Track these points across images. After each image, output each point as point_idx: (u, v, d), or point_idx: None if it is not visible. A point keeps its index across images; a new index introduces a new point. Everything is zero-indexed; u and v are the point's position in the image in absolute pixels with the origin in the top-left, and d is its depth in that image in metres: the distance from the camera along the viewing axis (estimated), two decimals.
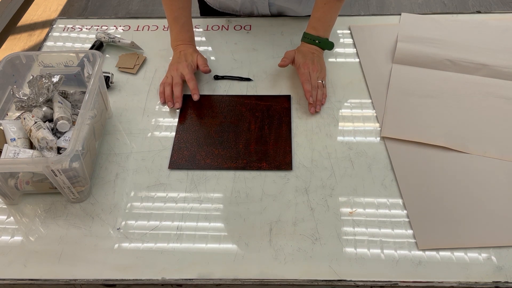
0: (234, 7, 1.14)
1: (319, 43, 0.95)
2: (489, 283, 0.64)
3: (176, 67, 0.94)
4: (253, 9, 1.14)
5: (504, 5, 2.59)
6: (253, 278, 0.66)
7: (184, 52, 0.96)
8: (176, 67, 0.94)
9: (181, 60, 0.94)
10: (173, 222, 0.73)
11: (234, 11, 1.16)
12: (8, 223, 0.74)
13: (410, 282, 0.65)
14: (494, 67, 0.95)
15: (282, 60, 0.94)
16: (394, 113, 0.88)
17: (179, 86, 0.92)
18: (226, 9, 1.17)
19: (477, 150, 0.81)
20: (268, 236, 0.70)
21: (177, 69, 0.93)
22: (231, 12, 1.17)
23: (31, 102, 0.77)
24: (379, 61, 1.00)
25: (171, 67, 0.95)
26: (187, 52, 0.96)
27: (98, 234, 0.72)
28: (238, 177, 0.79)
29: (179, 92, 0.92)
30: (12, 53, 0.83)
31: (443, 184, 0.76)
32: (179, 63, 0.94)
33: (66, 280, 0.66)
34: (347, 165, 0.80)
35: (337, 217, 0.72)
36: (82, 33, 1.12)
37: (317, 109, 0.89)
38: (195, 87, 0.92)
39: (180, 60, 0.95)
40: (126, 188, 0.78)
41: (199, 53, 0.98)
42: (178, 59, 0.95)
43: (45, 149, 0.70)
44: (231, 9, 1.16)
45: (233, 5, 1.14)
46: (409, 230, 0.71)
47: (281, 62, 0.93)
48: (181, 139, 0.85)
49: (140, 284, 0.66)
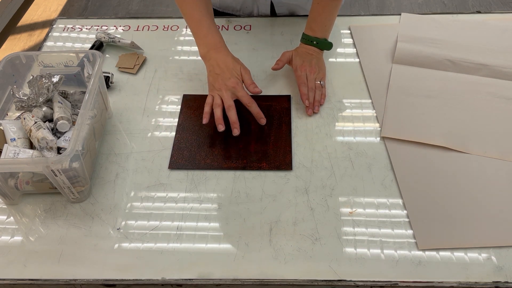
0: (235, 6, 1.14)
1: (317, 43, 0.95)
2: (489, 283, 0.64)
3: (225, 84, 0.82)
4: (253, 9, 1.14)
5: (504, 5, 2.59)
6: (253, 278, 0.66)
7: (224, 61, 0.84)
8: (223, 84, 0.82)
9: (226, 75, 0.83)
10: (173, 222, 0.73)
11: (235, 10, 1.16)
12: (8, 223, 0.74)
13: (410, 282, 0.65)
14: (494, 67, 0.95)
15: (276, 63, 0.93)
16: (394, 113, 0.88)
17: (233, 109, 0.81)
18: (226, 9, 1.17)
19: (477, 150, 0.81)
20: (268, 236, 0.70)
21: (227, 87, 0.82)
22: (231, 12, 1.17)
23: (31, 102, 0.77)
24: (379, 61, 1.00)
25: (216, 83, 0.84)
26: (227, 61, 0.84)
27: (98, 234, 0.72)
28: (238, 177, 0.79)
29: (235, 117, 0.81)
30: (12, 53, 0.83)
31: (443, 184, 0.76)
32: (226, 79, 0.82)
33: (66, 280, 0.66)
34: (347, 165, 0.80)
35: (337, 217, 0.72)
36: (82, 33, 1.12)
37: (315, 110, 0.89)
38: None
39: (224, 75, 0.83)
40: (126, 188, 0.78)
41: (240, 62, 0.86)
42: (220, 71, 0.84)
43: (45, 149, 0.70)
44: (231, 9, 1.16)
45: (234, 4, 1.14)
46: (409, 230, 0.71)
47: (275, 66, 0.93)
48: (181, 139, 0.85)
49: (140, 284, 0.66)
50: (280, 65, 0.93)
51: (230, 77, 0.83)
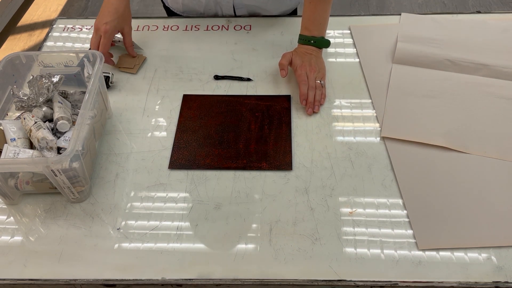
0: (198, 9, 1.14)
1: (315, 42, 0.95)
2: (489, 283, 0.64)
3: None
4: (217, 10, 1.14)
5: (504, 5, 2.59)
6: (253, 278, 0.66)
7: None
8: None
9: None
10: (173, 222, 0.73)
11: (198, 13, 1.16)
12: (8, 223, 0.74)
13: (410, 282, 0.65)
14: (494, 67, 0.95)
15: (281, 68, 0.92)
16: (394, 113, 0.88)
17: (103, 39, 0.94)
18: (190, 13, 1.16)
19: (477, 150, 0.81)
20: (268, 236, 0.70)
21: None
22: (195, 15, 1.16)
23: (31, 102, 0.77)
24: (379, 61, 1.00)
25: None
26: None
27: (98, 234, 0.72)
28: (238, 177, 0.79)
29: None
30: (12, 53, 0.83)
31: (443, 184, 0.76)
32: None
33: (66, 280, 0.66)
34: (347, 165, 0.80)
35: (337, 217, 0.72)
36: (82, 33, 1.12)
37: (315, 110, 0.89)
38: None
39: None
40: (126, 188, 0.78)
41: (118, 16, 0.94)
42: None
43: (45, 149, 0.70)
44: (195, 12, 1.15)
45: (197, 6, 1.13)
46: (409, 230, 0.71)
47: (282, 73, 0.92)
48: (181, 139, 0.85)
49: (140, 284, 0.66)
50: (285, 70, 0.92)
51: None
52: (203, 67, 1.00)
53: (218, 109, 0.91)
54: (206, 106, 0.91)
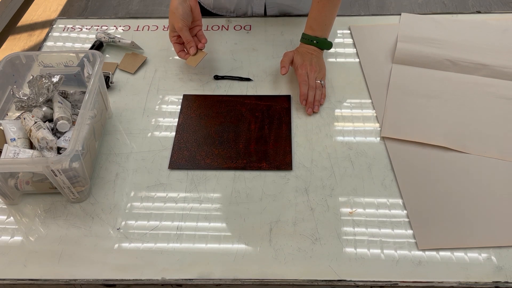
0: (229, 7, 1.14)
1: (317, 43, 0.95)
2: (489, 283, 0.64)
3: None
4: (247, 9, 1.14)
5: (504, 5, 2.59)
6: (253, 278, 0.66)
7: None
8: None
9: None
10: (173, 222, 0.73)
11: (228, 11, 1.16)
12: (8, 223, 0.74)
13: (410, 282, 0.65)
14: (494, 67, 0.95)
15: (282, 66, 0.92)
16: (394, 113, 0.88)
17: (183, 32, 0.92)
18: (219, 10, 1.16)
19: (477, 150, 0.81)
20: (268, 236, 0.70)
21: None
22: (224, 13, 1.16)
23: (31, 102, 0.77)
24: (379, 61, 1.00)
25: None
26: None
27: (98, 234, 0.72)
28: (238, 177, 0.79)
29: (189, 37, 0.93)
30: (12, 53, 0.83)
31: (443, 184, 0.76)
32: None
33: (66, 280, 0.66)
34: (347, 165, 0.80)
35: (337, 217, 0.72)
36: (82, 33, 1.12)
37: (315, 110, 0.89)
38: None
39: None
40: (126, 188, 0.78)
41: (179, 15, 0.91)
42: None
43: (45, 149, 0.70)
44: (225, 9, 1.16)
45: (228, 4, 1.13)
46: (409, 230, 0.71)
47: (282, 70, 0.92)
48: (181, 139, 0.85)
49: (140, 284, 0.66)
50: (286, 67, 0.93)
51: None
52: (203, 67, 1.00)
53: (218, 109, 0.91)
54: (206, 106, 0.91)
